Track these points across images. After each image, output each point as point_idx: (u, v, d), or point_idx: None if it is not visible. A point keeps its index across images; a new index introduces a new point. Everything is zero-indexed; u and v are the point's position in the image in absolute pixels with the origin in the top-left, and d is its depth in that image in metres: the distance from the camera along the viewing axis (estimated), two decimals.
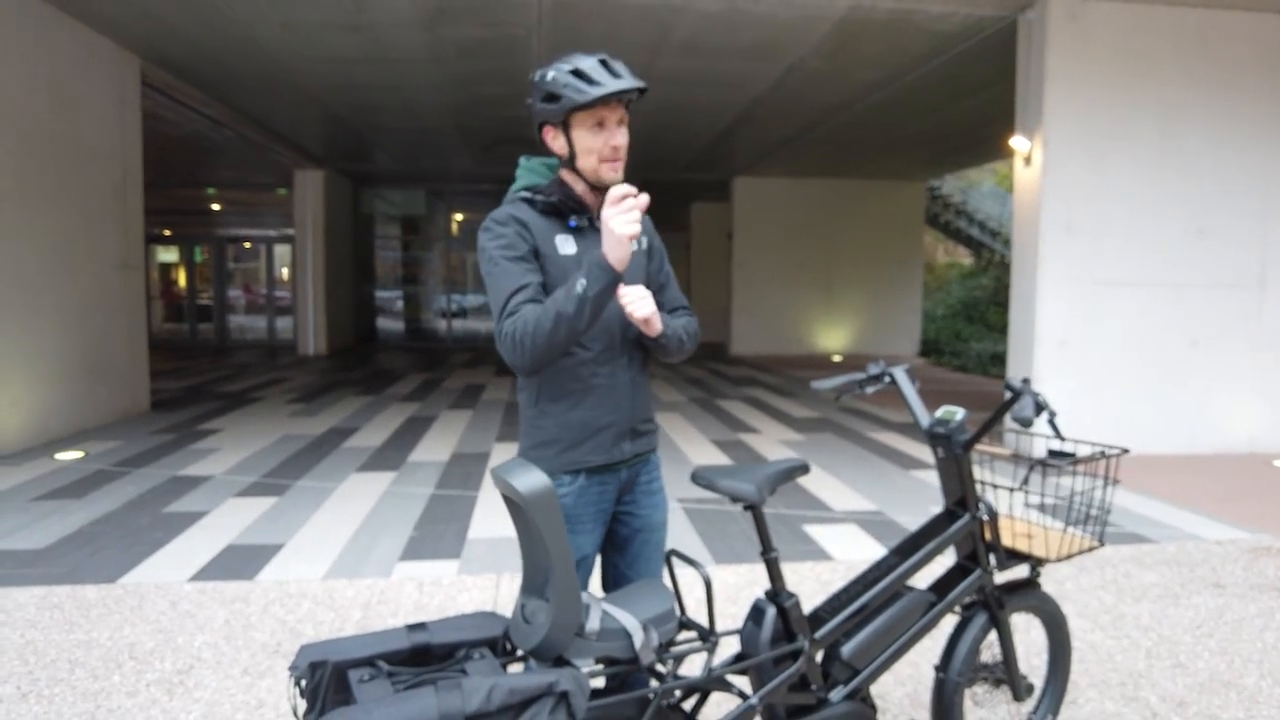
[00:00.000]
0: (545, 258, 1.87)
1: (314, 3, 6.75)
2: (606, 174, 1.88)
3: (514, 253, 1.84)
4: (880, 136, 12.09)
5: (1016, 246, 7.15)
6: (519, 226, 1.86)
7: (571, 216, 1.92)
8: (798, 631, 1.88)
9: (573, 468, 1.90)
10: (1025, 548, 2.22)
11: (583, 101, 1.78)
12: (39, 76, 6.84)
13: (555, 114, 1.82)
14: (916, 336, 16.76)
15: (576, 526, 1.91)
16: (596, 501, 1.93)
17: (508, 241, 1.85)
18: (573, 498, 1.90)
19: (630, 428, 1.94)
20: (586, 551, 1.93)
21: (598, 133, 1.84)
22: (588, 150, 1.85)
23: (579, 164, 1.88)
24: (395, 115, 10.70)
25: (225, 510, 5.06)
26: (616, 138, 1.86)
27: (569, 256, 1.89)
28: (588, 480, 1.91)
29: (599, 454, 1.91)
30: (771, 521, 4.91)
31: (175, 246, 18.69)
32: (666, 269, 2.12)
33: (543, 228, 1.89)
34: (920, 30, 7.34)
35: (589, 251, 1.92)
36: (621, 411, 1.92)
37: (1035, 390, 1.93)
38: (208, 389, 10.79)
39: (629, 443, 1.95)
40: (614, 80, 1.81)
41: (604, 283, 1.70)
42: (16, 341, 6.63)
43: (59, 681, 2.95)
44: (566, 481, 1.90)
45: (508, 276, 1.81)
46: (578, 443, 1.90)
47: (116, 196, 8.08)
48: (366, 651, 1.53)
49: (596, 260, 1.70)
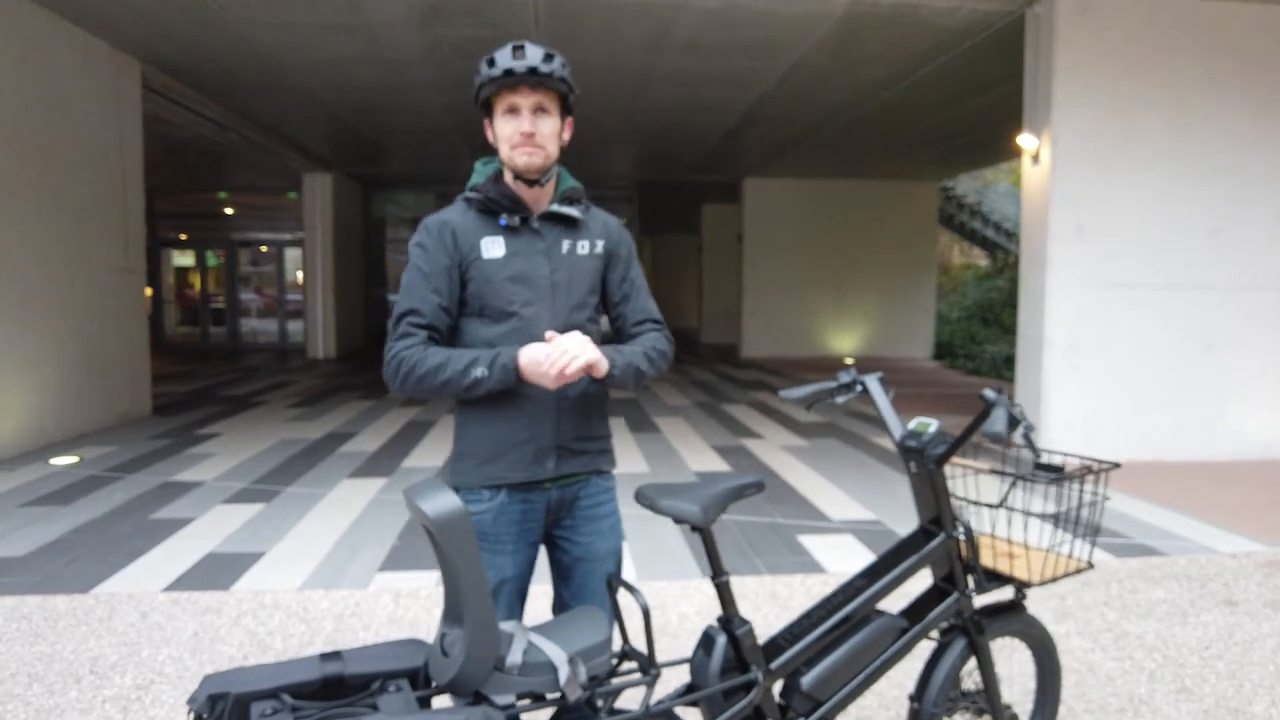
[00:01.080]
0: (470, 264, 1.80)
1: (308, 3, 6.68)
2: (518, 158, 1.79)
3: (427, 265, 1.79)
4: (890, 136, 11.91)
5: (1025, 247, 6.96)
6: (445, 235, 1.80)
7: (502, 215, 1.82)
8: (751, 661, 1.75)
9: (491, 483, 1.79)
10: (1007, 569, 2.07)
11: (482, 83, 1.76)
12: (33, 80, 6.82)
13: (477, 99, 1.82)
14: (930, 339, 16.52)
15: (497, 546, 1.79)
16: (520, 521, 1.81)
17: (426, 251, 1.80)
18: (491, 515, 1.79)
19: (556, 445, 1.82)
20: (508, 574, 1.81)
21: (510, 119, 1.79)
22: (503, 137, 1.80)
23: (502, 153, 1.83)
24: (397, 117, 10.65)
25: (211, 517, 4.98)
26: (525, 124, 1.77)
27: (495, 261, 1.80)
28: (509, 498, 1.80)
29: (517, 470, 1.79)
30: (764, 531, 4.78)
31: (190, 250, 18.79)
32: (632, 277, 1.97)
33: (472, 230, 1.81)
34: (925, 26, 7.18)
35: (521, 254, 1.81)
36: (543, 426, 1.80)
37: (1011, 402, 1.78)
38: (212, 392, 10.78)
39: (553, 461, 1.82)
40: (514, 60, 1.73)
41: (504, 384, 1.70)
42: (12, 345, 6.61)
43: (14, 697, 2.86)
44: (486, 497, 1.79)
45: (412, 290, 1.79)
46: (494, 457, 1.79)
47: (116, 199, 8.06)
48: (273, 682, 1.43)
49: (507, 364, 1.69)
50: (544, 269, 1.83)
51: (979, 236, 19.60)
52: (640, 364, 1.83)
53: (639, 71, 8.66)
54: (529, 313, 1.80)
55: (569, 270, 1.86)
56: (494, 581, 1.82)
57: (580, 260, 1.88)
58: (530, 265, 1.82)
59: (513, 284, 1.80)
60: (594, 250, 1.91)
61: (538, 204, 1.85)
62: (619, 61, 8.29)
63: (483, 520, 1.80)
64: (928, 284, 16.55)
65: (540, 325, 1.79)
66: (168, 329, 18.24)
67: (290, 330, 18.03)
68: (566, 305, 1.84)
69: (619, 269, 1.96)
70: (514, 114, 1.77)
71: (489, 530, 1.80)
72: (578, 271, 1.87)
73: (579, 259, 1.88)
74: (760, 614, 3.57)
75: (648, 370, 1.84)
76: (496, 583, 1.82)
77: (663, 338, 1.94)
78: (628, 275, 1.96)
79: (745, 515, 5.07)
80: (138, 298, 8.60)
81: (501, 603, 1.83)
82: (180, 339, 18.28)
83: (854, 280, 16.23)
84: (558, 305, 1.83)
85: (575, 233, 1.89)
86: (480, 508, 1.80)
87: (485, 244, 1.80)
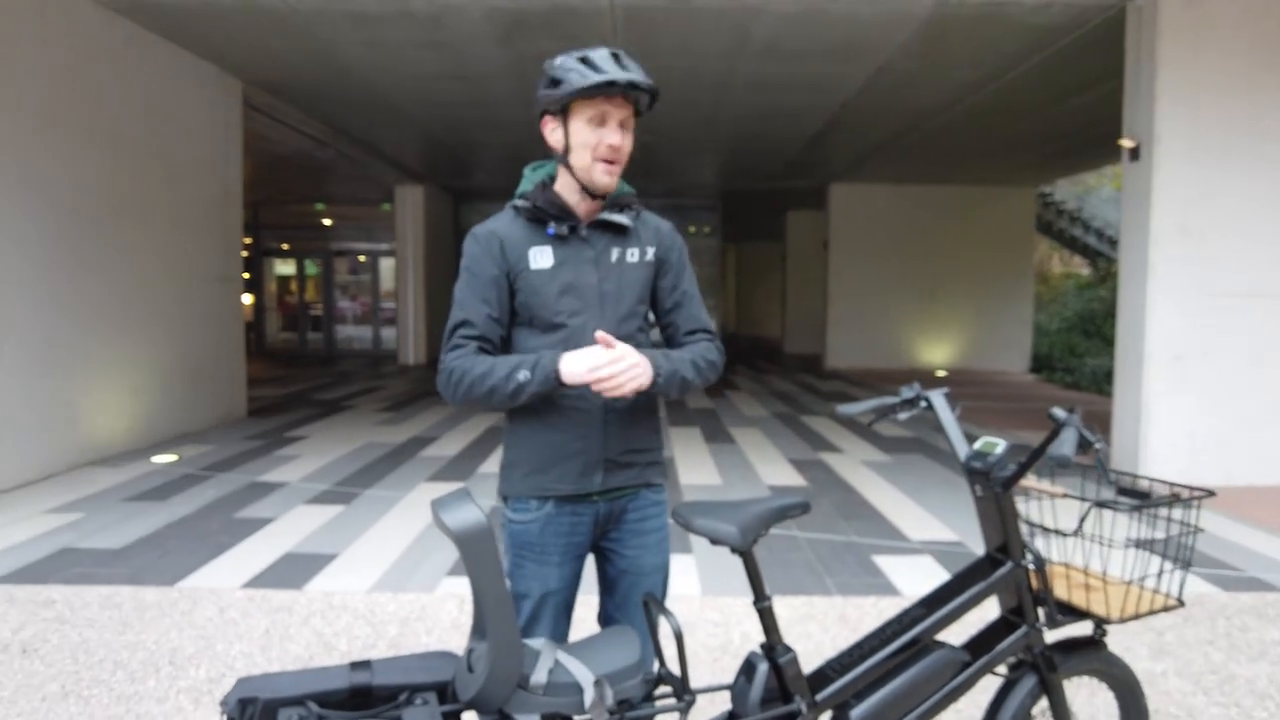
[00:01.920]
0: (518, 275, 1.76)
1: (394, 22, 6.90)
2: (599, 175, 1.74)
3: (477, 277, 1.77)
4: (983, 140, 11.47)
5: (1124, 252, 6.56)
6: (493, 245, 1.77)
7: (551, 223, 1.77)
8: (795, 691, 1.66)
9: (539, 493, 1.76)
10: (1083, 602, 1.91)
11: (584, 86, 1.66)
12: (147, 101, 7.26)
13: (555, 101, 1.70)
14: (1027, 351, 15.81)
15: (543, 557, 1.76)
16: (567, 533, 1.77)
17: (475, 262, 1.78)
18: (538, 525, 1.76)
19: (604, 458, 1.77)
20: (552, 586, 1.78)
21: (596, 128, 1.71)
22: (583, 144, 1.72)
23: (572, 159, 1.74)
24: (483, 130, 10.89)
25: (292, 517, 5.15)
26: (615, 137, 1.72)
27: (543, 271, 1.76)
28: (556, 508, 1.76)
29: (565, 483, 1.75)
30: (837, 549, 4.62)
31: (291, 260, 19.67)
32: (683, 285, 1.93)
33: (521, 240, 1.77)
34: (1016, 25, 6.87)
35: (569, 263, 1.77)
36: (592, 439, 1.76)
37: (1083, 423, 1.64)
38: (306, 396, 11.21)
39: (601, 474, 1.77)
40: (620, 71, 1.68)
41: (546, 386, 1.67)
42: (125, 351, 7.04)
43: (99, 683, 3.00)
44: (533, 507, 1.76)
45: (463, 301, 1.78)
46: (543, 468, 1.76)
47: (217, 213, 8.49)
48: (301, 690, 1.43)
49: (549, 366, 1.65)
50: (592, 278, 1.79)
51: (1079, 244, 18.66)
52: (686, 373, 1.77)
53: (718, 79, 8.59)
54: (577, 323, 1.77)
55: (618, 279, 1.82)
56: (538, 593, 1.79)
57: (630, 268, 1.84)
58: (578, 275, 1.78)
59: (561, 294, 1.77)
60: (644, 258, 1.86)
61: (589, 212, 1.81)
62: (697, 69, 8.25)
63: (529, 530, 1.78)
64: (1024, 293, 15.85)
65: (588, 336, 1.75)
66: (269, 335, 19.12)
67: (383, 337, 18.65)
68: (615, 315, 1.80)
69: (670, 276, 1.91)
70: (601, 123, 1.72)
71: (535, 540, 1.78)
72: (627, 280, 1.83)
73: (628, 267, 1.84)
74: (828, 636, 3.44)
75: (694, 380, 1.79)
76: (541, 594, 1.79)
77: (713, 348, 1.88)
78: (679, 283, 1.91)
79: (819, 532, 4.92)
80: (236, 306, 9.03)
81: (547, 615, 1.80)
82: (280, 345, 19.14)
83: (946, 289, 15.69)
84: (606, 315, 1.79)
85: (625, 240, 1.84)
86: (528, 517, 1.78)
87: (533, 254, 1.77)
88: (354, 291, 19.67)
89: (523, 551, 1.79)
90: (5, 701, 2.85)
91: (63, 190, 6.29)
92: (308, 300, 19.40)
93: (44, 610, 3.63)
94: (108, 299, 6.81)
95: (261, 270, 18.69)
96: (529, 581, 1.79)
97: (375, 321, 18.90)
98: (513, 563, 1.80)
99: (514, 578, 1.80)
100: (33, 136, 5.99)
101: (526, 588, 1.79)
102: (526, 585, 1.79)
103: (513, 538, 1.81)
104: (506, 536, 1.82)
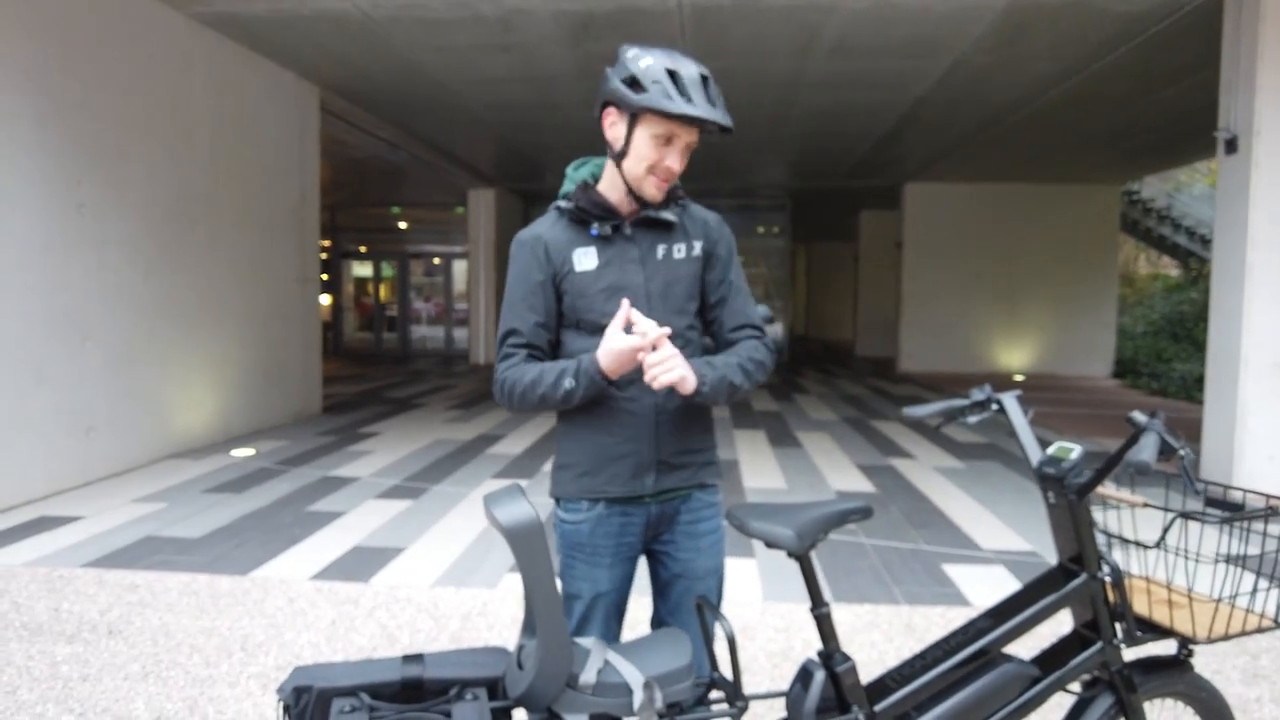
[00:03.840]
0: (564, 278, 1.75)
1: (464, 27, 7.01)
2: (650, 188, 1.71)
3: (524, 283, 1.76)
4: (1064, 136, 11.04)
5: (1218, 252, 6.21)
6: (537, 249, 1.76)
7: (594, 224, 1.74)
8: (852, 701, 1.60)
9: (590, 495, 1.74)
10: (1166, 619, 1.80)
11: (667, 110, 1.61)
12: (231, 109, 7.56)
13: (630, 103, 1.63)
14: (1110, 356, 15.15)
15: (594, 559, 1.74)
16: (618, 534, 1.75)
17: (522, 268, 1.77)
18: (589, 526, 1.74)
19: (656, 459, 1.74)
20: (604, 587, 1.76)
21: (661, 145, 1.67)
22: (642, 157, 1.67)
23: (626, 164, 1.70)
24: (551, 132, 10.99)
25: (362, 511, 5.28)
26: (677, 161, 1.69)
27: (587, 273, 1.73)
28: (607, 509, 1.74)
29: (616, 485, 1.73)
30: (905, 557, 4.49)
31: (368, 262, 20.24)
32: (730, 278, 1.86)
33: (564, 242, 1.76)
34: (1101, 14, 6.58)
35: (614, 263, 1.74)
36: (644, 441, 1.73)
37: (1165, 428, 1.54)
38: (379, 394, 11.51)
39: (653, 476, 1.74)
40: (709, 108, 1.62)
41: (593, 390, 1.65)
42: (206, 349, 7.34)
43: (177, 665, 3.12)
44: (584, 507, 1.74)
45: (511, 310, 1.78)
46: (595, 469, 1.74)
47: (295, 216, 8.78)
48: (355, 681, 1.46)
49: (589, 368, 1.63)
50: (638, 278, 1.75)
51: (1168, 244, 17.78)
52: (734, 378, 1.72)
53: (788, 78, 8.48)
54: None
55: (665, 277, 1.77)
56: (589, 595, 1.77)
57: (677, 264, 1.79)
58: (623, 275, 1.74)
59: (607, 296, 1.73)
60: (691, 253, 1.81)
61: (634, 210, 1.78)
62: (767, 68, 8.16)
63: (580, 531, 1.76)
64: (1108, 296, 15.20)
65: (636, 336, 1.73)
66: (346, 335, 19.71)
67: (456, 337, 19.03)
68: (663, 314, 1.75)
69: (717, 269, 1.85)
70: (666, 143, 1.67)
71: (586, 541, 1.76)
72: (674, 277, 1.78)
73: (675, 263, 1.79)
74: (893, 645, 3.34)
75: (742, 384, 1.73)
76: (592, 596, 1.77)
77: (762, 346, 1.81)
78: (726, 276, 1.85)
79: (886, 539, 4.80)
80: (314, 306, 9.32)
81: (598, 617, 1.79)
82: (357, 344, 19.71)
83: (1025, 291, 15.16)
84: (654, 314, 1.74)
85: (671, 236, 1.80)
86: (579, 517, 1.76)
87: (577, 256, 1.74)
88: (428, 293, 20.12)
89: (573, 552, 1.78)
90: (92, 679, 2.98)
91: (157, 195, 6.60)
92: (383, 301, 19.92)
93: (129, 594, 3.81)
94: (191, 298, 7.12)
95: (340, 272, 19.28)
96: (580, 582, 1.77)
97: (448, 322, 19.30)
98: (564, 563, 1.79)
99: (565, 578, 1.79)
100: (133, 144, 6.31)
101: (578, 588, 1.78)
102: (577, 586, 1.78)
103: (564, 538, 1.80)
104: (558, 537, 1.81)
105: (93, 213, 5.93)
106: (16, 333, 5.32)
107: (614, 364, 1.62)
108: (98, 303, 6.01)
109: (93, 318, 5.96)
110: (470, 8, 6.60)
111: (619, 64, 1.67)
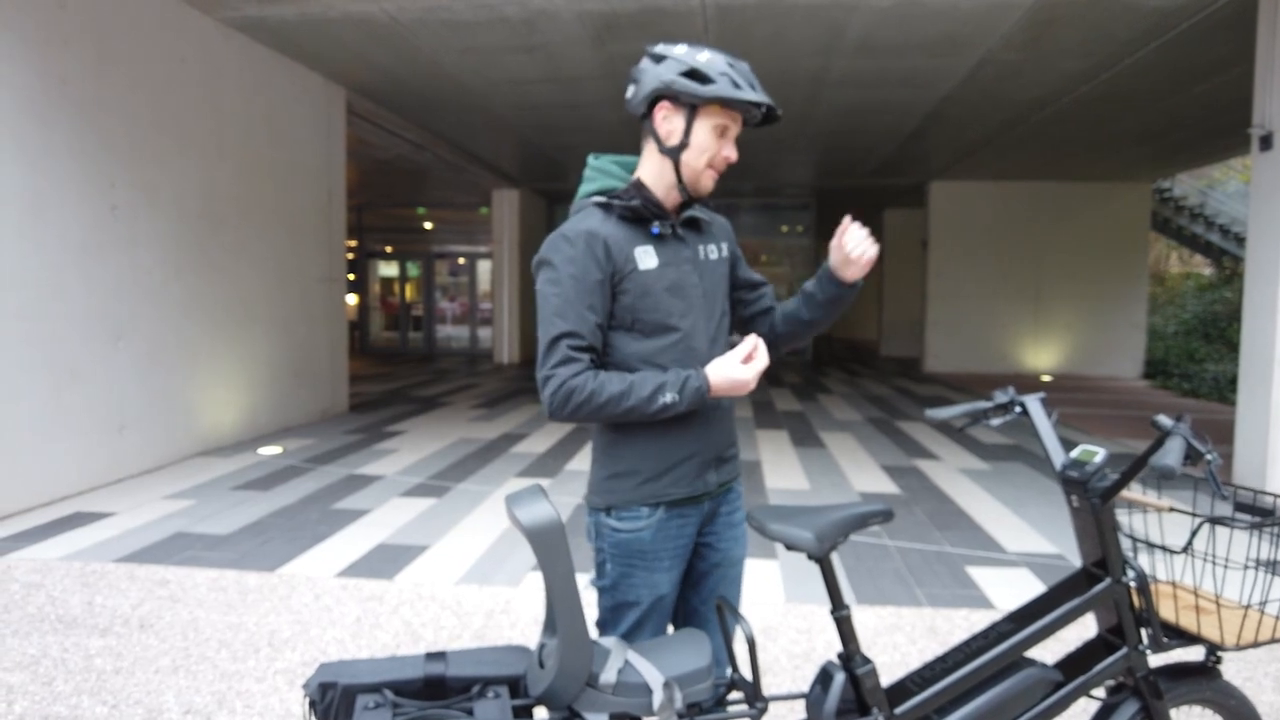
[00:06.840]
0: (626, 276, 1.68)
1: (489, 28, 7.06)
2: (706, 181, 1.74)
3: (581, 282, 1.65)
4: (1093, 133, 10.88)
5: (1253, 250, 6.10)
6: (595, 246, 1.67)
7: (655, 223, 1.73)
8: (872, 704, 1.60)
9: (652, 500, 1.72)
10: (1193, 625, 1.78)
11: (735, 98, 1.63)
12: (260, 110, 7.67)
13: (694, 95, 1.63)
14: (1140, 356, 14.92)
15: (655, 564, 1.73)
16: (676, 537, 1.75)
17: (579, 267, 1.65)
18: (650, 532, 1.73)
19: (716, 456, 1.77)
20: (663, 591, 1.76)
21: (718, 137, 1.70)
22: (702, 149, 1.69)
23: (684, 157, 1.70)
24: (575, 133, 11.02)
25: (386, 509, 5.34)
26: (732, 151, 1.72)
27: (649, 271, 1.70)
28: (667, 514, 1.74)
29: (682, 486, 1.73)
30: (929, 559, 4.46)
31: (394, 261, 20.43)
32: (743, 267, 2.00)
33: (621, 240, 1.69)
34: (1132, 10, 6.48)
35: (672, 263, 1.74)
36: (709, 439, 1.76)
37: (1192, 431, 1.52)
38: (405, 393, 11.61)
39: (714, 473, 1.77)
40: (765, 95, 1.68)
41: (695, 406, 1.65)
42: (234, 348, 7.45)
43: (205, 660, 3.18)
44: (644, 514, 1.72)
45: (568, 310, 1.64)
46: (659, 474, 1.72)
47: (322, 216, 8.88)
48: (379, 677, 1.48)
49: (699, 386, 1.63)
50: (694, 278, 1.77)
51: (1200, 242, 17.46)
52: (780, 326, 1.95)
53: (812, 76, 8.44)
54: (686, 325, 1.73)
55: (711, 278, 1.81)
56: (649, 600, 1.74)
57: (715, 265, 1.84)
58: (681, 275, 1.75)
59: (670, 296, 1.72)
60: (721, 254, 1.87)
61: (673, 209, 1.80)
62: (790, 67, 8.13)
63: (640, 538, 1.73)
64: (1138, 295, 14.97)
65: (697, 337, 1.73)
66: (372, 334, 19.90)
67: (480, 336, 19.15)
68: (715, 314, 1.81)
69: (739, 268, 1.96)
70: (722, 134, 1.70)
71: (648, 548, 1.73)
72: (715, 277, 1.83)
73: (713, 264, 1.83)
74: (915, 648, 3.32)
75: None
76: (652, 601, 1.75)
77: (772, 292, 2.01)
78: (740, 270, 1.97)
79: (910, 541, 4.77)
80: (340, 305, 9.43)
81: (653, 620, 1.77)
82: (383, 343, 19.88)
83: (1052, 291, 14.97)
84: (709, 315, 1.79)
85: (704, 237, 1.84)
86: (639, 524, 1.72)
87: (639, 254, 1.70)
88: (453, 292, 20.25)
89: (632, 560, 1.74)
90: (125, 672, 3.05)
91: (187, 196, 6.71)
92: (409, 300, 20.09)
93: (159, 589, 3.88)
94: (220, 298, 7.23)
95: (366, 271, 19.47)
96: (639, 590, 1.74)
97: (473, 321, 19.43)
98: (620, 573, 1.75)
99: (621, 588, 1.75)
100: (165, 146, 6.41)
101: (637, 595, 1.74)
102: (637, 594, 1.74)
103: (619, 547, 1.74)
104: (609, 546, 1.76)
105: (125, 214, 6.05)
106: (53, 333, 5.43)
107: (728, 389, 1.64)
108: (130, 303, 6.12)
109: (125, 318, 6.08)
110: (495, 10, 6.64)
111: (668, 60, 1.67)
